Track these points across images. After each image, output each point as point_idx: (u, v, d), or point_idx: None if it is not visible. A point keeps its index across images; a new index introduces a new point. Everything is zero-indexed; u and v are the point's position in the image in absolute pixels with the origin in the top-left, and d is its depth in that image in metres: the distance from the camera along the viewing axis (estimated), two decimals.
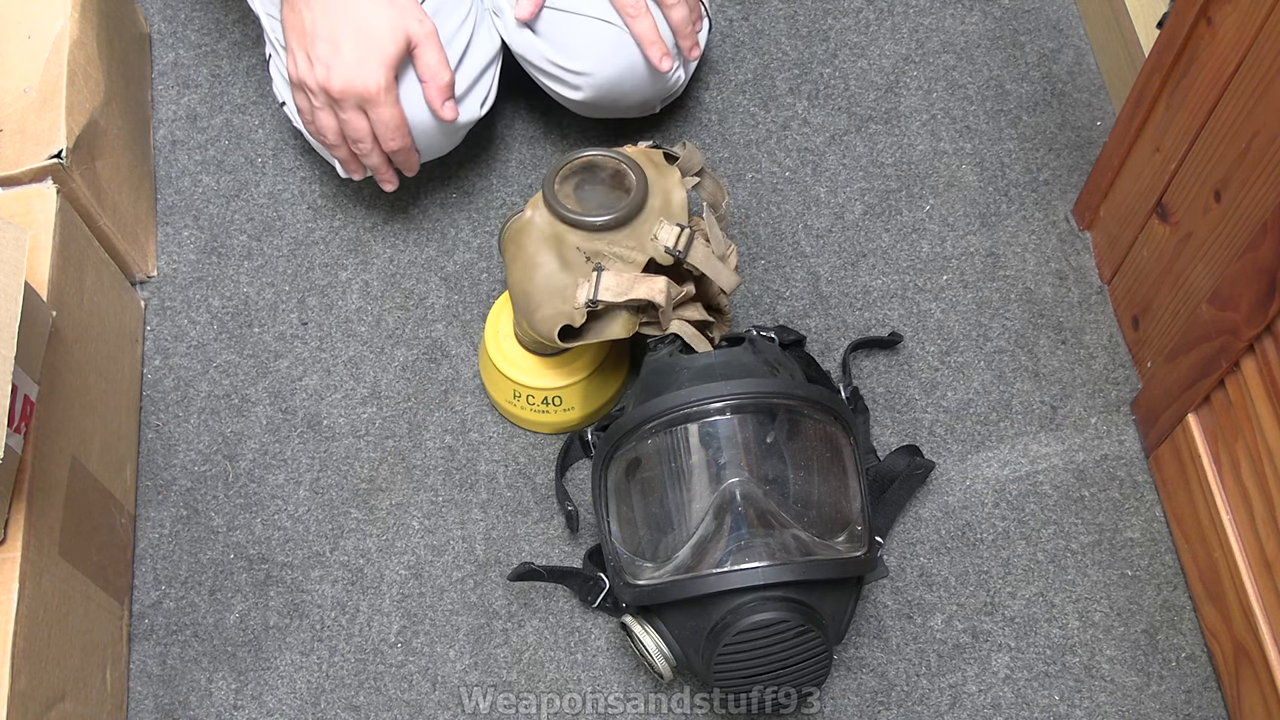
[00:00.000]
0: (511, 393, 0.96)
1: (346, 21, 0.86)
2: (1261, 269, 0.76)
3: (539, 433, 1.00)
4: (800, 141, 1.12)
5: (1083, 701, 0.90)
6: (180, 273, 1.08)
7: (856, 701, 0.90)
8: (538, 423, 0.98)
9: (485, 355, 0.98)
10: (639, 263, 0.86)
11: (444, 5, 0.94)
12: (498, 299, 1.00)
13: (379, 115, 0.91)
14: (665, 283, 0.85)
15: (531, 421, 0.98)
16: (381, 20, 0.87)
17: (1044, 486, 0.97)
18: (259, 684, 0.92)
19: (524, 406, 0.96)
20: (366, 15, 0.87)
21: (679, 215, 0.87)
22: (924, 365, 1.02)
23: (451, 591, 0.95)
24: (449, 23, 0.94)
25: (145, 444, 1.01)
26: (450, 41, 0.94)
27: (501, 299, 0.99)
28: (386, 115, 0.91)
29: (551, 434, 0.99)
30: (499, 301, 0.99)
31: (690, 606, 0.79)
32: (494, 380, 0.97)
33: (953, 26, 1.18)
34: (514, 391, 0.96)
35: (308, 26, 0.87)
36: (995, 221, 1.08)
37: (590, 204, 0.88)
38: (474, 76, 0.97)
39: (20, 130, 0.95)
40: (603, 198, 0.89)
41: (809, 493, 0.83)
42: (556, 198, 0.87)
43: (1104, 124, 1.12)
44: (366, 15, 0.87)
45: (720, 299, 0.93)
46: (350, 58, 0.87)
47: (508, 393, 0.96)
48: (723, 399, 0.81)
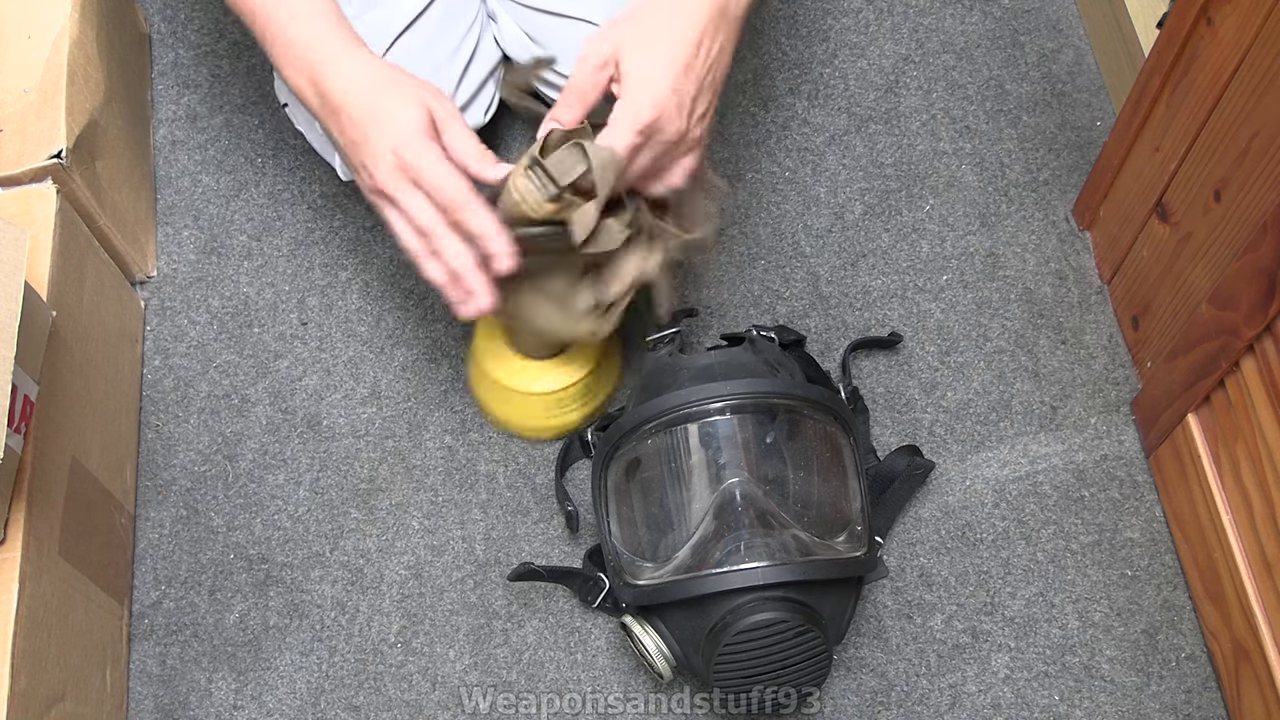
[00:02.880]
0: (544, 408, 0.95)
1: (369, 111, 0.76)
2: (1261, 269, 0.76)
3: (549, 438, 1.00)
4: (800, 141, 1.12)
5: (1083, 701, 0.90)
6: (180, 273, 1.08)
7: (856, 701, 0.90)
8: (566, 425, 0.98)
9: (501, 389, 0.96)
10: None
11: (449, 14, 0.94)
12: (472, 344, 0.99)
13: (426, 172, 0.74)
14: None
15: (557, 427, 0.98)
16: (400, 97, 0.76)
17: (1044, 486, 0.97)
18: (259, 684, 0.92)
19: (556, 413, 0.96)
20: (386, 98, 0.76)
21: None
22: (924, 365, 1.02)
23: (451, 591, 0.95)
24: (454, 32, 0.94)
25: (145, 444, 1.01)
26: (456, 51, 0.94)
27: (480, 337, 0.98)
28: (430, 168, 0.73)
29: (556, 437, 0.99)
30: (478, 342, 0.97)
31: (690, 606, 0.79)
32: (524, 406, 0.96)
33: (953, 26, 1.18)
34: (545, 407, 0.95)
35: (343, 140, 0.78)
36: (995, 221, 1.08)
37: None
38: (477, 85, 0.97)
39: (20, 130, 0.95)
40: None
41: (809, 493, 0.83)
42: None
43: (1104, 124, 1.12)
44: (386, 98, 0.76)
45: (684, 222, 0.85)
46: (376, 137, 0.75)
47: (540, 410, 0.96)
48: (723, 399, 0.81)
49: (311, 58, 0.76)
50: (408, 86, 0.76)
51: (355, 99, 0.75)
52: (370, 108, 0.75)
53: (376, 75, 0.76)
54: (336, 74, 0.76)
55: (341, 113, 0.76)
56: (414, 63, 0.92)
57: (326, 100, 0.76)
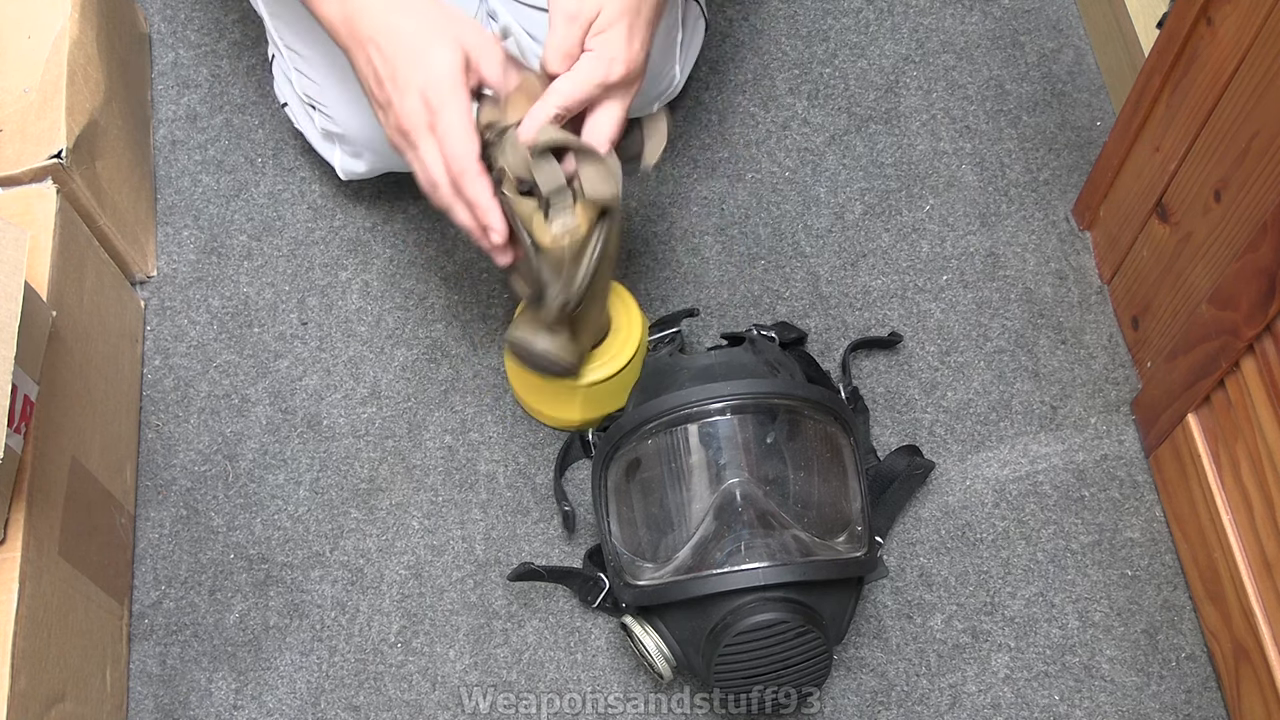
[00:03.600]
0: (584, 400, 0.95)
1: (404, 45, 0.74)
2: (1261, 269, 0.76)
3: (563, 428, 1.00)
4: (800, 141, 1.12)
5: (1083, 701, 0.90)
6: (180, 273, 1.08)
7: (856, 701, 0.90)
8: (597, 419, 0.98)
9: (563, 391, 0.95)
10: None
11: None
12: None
13: (444, 123, 0.72)
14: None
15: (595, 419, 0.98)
16: (438, 35, 0.74)
17: (1044, 486, 0.97)
18: (259, 684, 0.92)
19: (594, 407, 0.96)
20: (423, 34, 0.73)
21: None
22: (924, 365, 1.02)
23: (451, 591, 0.95)
24: None
25: (145, 444, 1.01)
26: None
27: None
28: (449, 122, 0.72)
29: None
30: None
31: (690, 607, 0.79)
32: (565, 398, 0.96)
33: (953, 26, 1.18)
34: (585, 399, 0.95)
35: (368, 73, 0.75)
36: (995, 221, 1.08)
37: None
38: None
39: (20, 130, 0.95)
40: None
41: (809, 493, 0.83)
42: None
43: (1104, 124, 1.12)
44: (423, 34, 0.73)
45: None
46: (407, 73, 0.73)
47: (582, 402, 0.95)
48: (723, 399, 0.81)
49: None
50: (446, 22, 0.74)
51: (390, 30, 0.73)
52: (405, 42, 0.73)
53: (414, 4, 0.74)
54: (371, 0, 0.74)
55: (371, 42, 0.73)
56: None
57: (356, 29, 0.73)
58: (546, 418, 0.99)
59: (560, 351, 0.85)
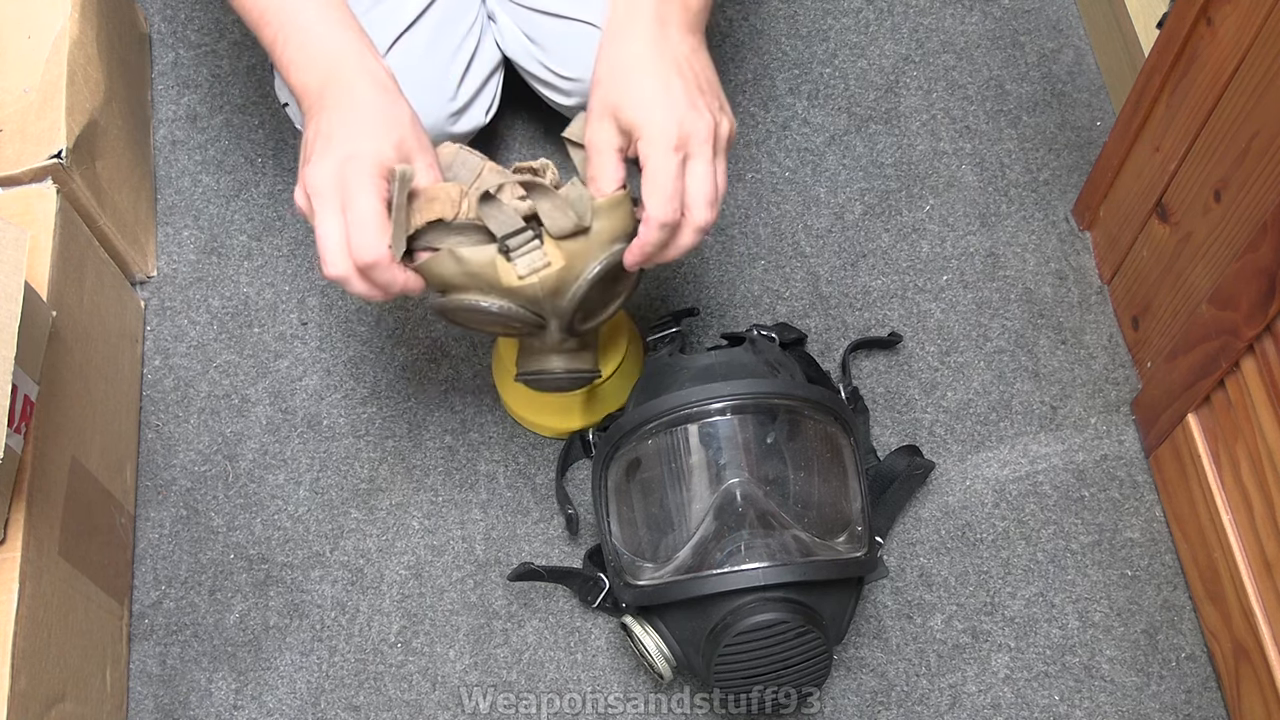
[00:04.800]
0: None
1: (349, 117, 0.74)
2: (1261, 269, 0.76)
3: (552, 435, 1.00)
4: (800, 141, 1.12)
5: (1083, 701, 0.90)
6: (180, 273, 1.08)
7: (856, 701, 0.90)
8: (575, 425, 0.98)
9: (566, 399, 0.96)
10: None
11: (449, 15, 0.94)
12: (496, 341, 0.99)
13: (354, 216, 0.71)
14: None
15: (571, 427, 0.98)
16: (381, 123, 0.74)
17: (1044, 486, 0.97)
18: (259, 684, 0.92)
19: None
20: (370, 116, 0.74)
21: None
22: (924, 365, 1.02)
23: (451, 591, 0.95)
24: (455, 32, 0.95)
25: (145, 444, 1.01)
26: (457, 51, 0.94)
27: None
28: (363, 214, 0.70)
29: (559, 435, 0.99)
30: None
31: (691, 607, 0.79)
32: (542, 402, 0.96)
33: (953, 26, 1.18)
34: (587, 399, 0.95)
35: (310, 133, 0.74)
36: (995, 221, 1.08)
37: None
38: (479, 84, 0.97)
39: (20, 130, 0.95)
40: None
41: (809, 493, 0.83)
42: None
43: (1104, 124, 1.12)
44: (370, 116, 0.74)
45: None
46: (338, 141, 0.72)
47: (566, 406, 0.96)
48: (723, 399, 0.81)
49: (331, 62, 0.74)
50: (392, 121, 0.73)
51: (348, 103, 0.73)
52: (352, 114, 0.72)
53: (378, 91, 0.74)
54: (354, 78, 0.73)
55: (330, 111, 0.73)
56: (416, 62, 0.92)
57: (324, 98, 0.74)
58: (545, 429, 0.99)
59: (579, 364, 0.83)
